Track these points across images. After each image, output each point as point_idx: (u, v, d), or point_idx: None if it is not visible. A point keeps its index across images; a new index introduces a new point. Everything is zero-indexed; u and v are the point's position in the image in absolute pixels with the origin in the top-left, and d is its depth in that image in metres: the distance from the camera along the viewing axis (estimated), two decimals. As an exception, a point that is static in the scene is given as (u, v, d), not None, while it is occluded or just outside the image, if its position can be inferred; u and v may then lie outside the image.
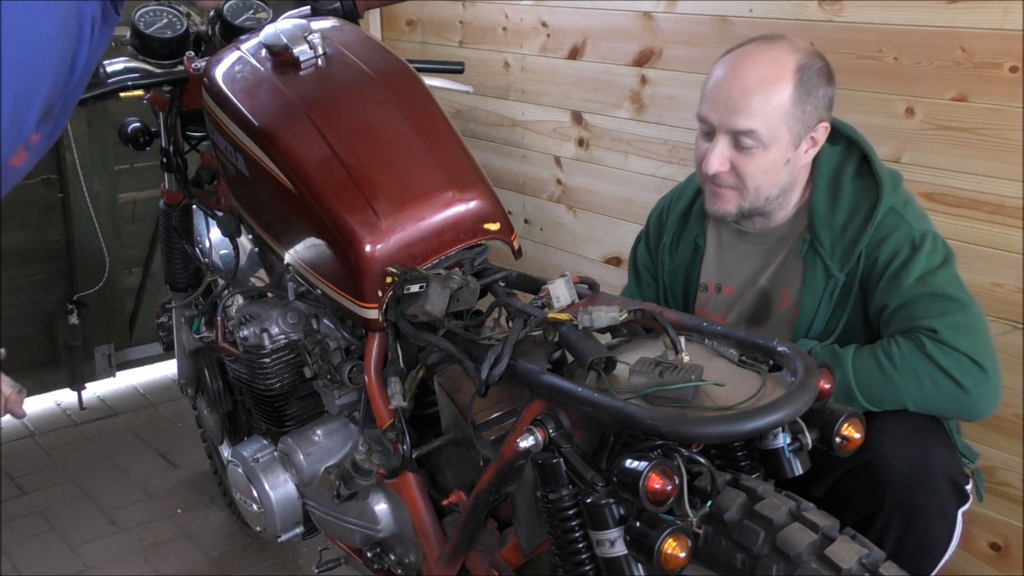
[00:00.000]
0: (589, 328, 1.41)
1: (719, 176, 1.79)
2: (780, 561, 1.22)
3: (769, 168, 1.77)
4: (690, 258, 2.00)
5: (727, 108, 1.75)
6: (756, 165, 1.77)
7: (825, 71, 1.79)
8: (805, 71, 1.75)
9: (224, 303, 2.10)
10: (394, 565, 1.89)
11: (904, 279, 1.71)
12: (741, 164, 1.77)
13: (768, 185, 1.79)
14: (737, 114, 1.74)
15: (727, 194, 1.82)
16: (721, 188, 1.81)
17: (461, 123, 3.35)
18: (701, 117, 1.81)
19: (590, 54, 2.91)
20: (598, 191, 2.99)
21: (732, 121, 1.75)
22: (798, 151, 1.78)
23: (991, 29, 2.01)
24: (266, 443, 2.04)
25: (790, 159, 1.78)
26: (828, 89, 1.79)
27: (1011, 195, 2.03)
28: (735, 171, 1.78)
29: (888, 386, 1.66)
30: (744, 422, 1.19)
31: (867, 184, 1.80)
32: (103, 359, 3.52)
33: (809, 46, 1.86)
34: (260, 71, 1.88)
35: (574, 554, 1.37)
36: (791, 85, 1.74)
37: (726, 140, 1.77)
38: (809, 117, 1.76)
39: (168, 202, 2.34)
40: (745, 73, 1.75)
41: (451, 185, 1.72)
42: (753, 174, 1.78)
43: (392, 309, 1.65)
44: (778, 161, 1.77)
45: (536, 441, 1.35)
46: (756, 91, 1.73)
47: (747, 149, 1.76)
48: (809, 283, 1.81)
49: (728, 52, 1.82)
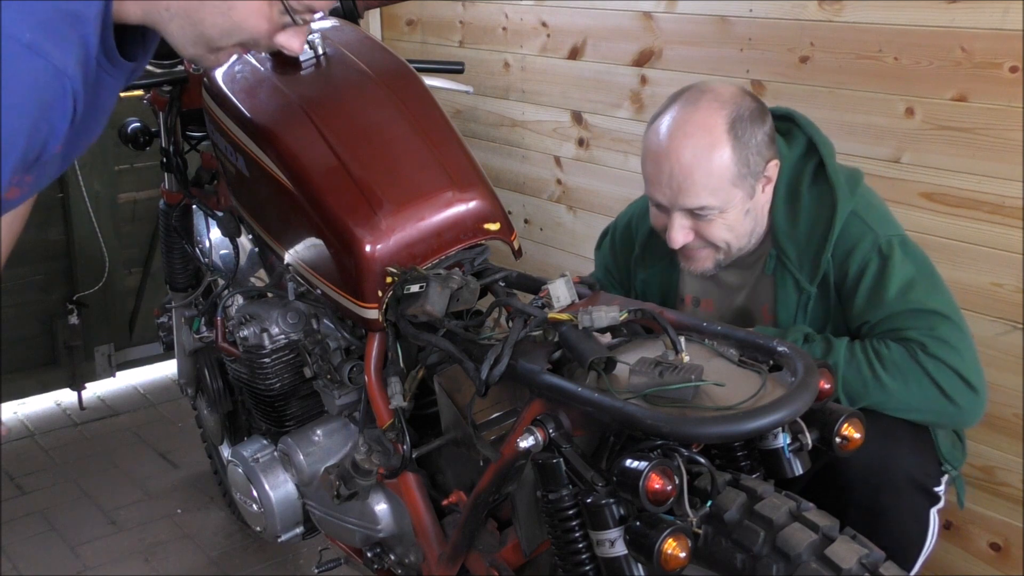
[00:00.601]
0: (589, 328, 1.41)
1: (687, 245, 1.78)
2: (780, 561, 1.22)
3: (732, 226, 1.75)
4: (666, 269, 1.97)
5: (672, 190, 1.72)
6: (719, 228, 1.75)
7: (757, 111, 1.74)
8: (738, 125, 1.70)
9: (224, 303, 2.10)
10: (394, 565, 1.89)
11: (883, 294, 1.69)
12: (704, 231, 1.75)
13: (738, 238, 1.77)
14: (684, 195, 1.71)
15: (700, 254, 1.80)
16: (693, 251, 1.80)
17: (461, 123, 3.35)
18: (649, 196, 1.80)
19: (590, 54, 2.91)
20: (598, 191, 2.99)
21: (682, 201, 1.72)
22: (755, 198, 1.76)
23: (991, 29, 2.00)
24: (266, 443, 2.04)
25: (750, 208, 1.76)
26: (765, 127, 1.74)
27: (1011, 195, 2.03)
28: (700, 236, 1.77)
29: (873, 385, 1.64)
30: (744, 422, 1.19)
31: (824, 190, 1.76)
32: (103, 359, 3.52)
33: (731, 87, 1.78)
34: (260, 71, 1.88)
35: (574, 554, 1.37)
36: (728, 147, 1.69)
37: (682, 214, 1.75)
38: (756, 165, 1.73)
39: (168, 202, 2.34)
40: (679, 151, 1.70)
41: (451, 185, 1.72)
42: (718, 236, 1.76)
43: (392, 309, 1.65)
44: (738, 217, 1.75)
45: (536, 441, 1.35)
46: (695, 168, 1.69)
47: (705, 218, 1.74)
48: (781, 298, 1.79)
49: (656, 119, 1.77)
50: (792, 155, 1.81)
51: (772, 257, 1.80)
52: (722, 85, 1.79)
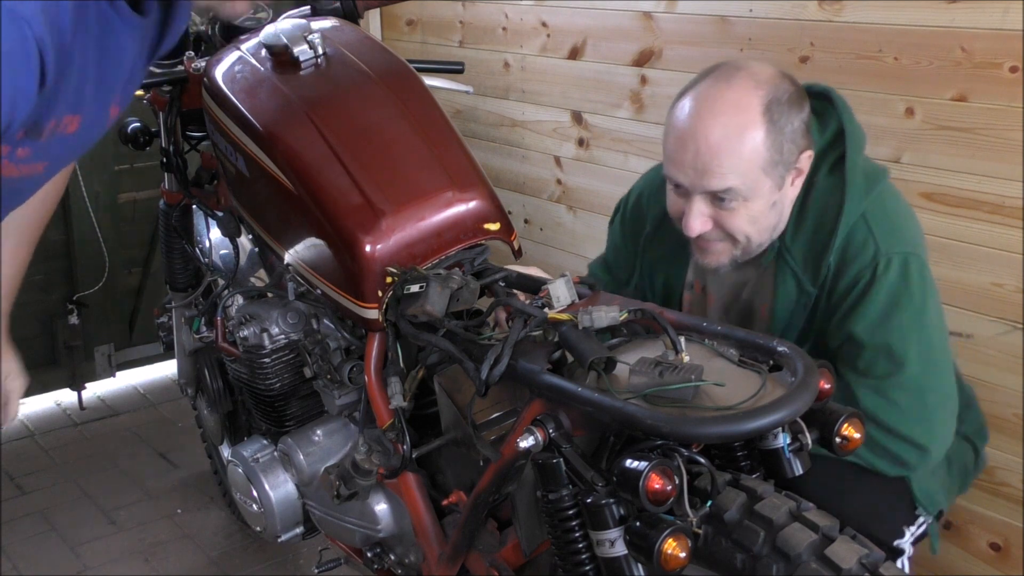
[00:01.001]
0: (589, 328, 1.41)
1: (703, 235, 1.66)
2: (780, 561, 1.22)
3: (756, 218, 1.62)
4: (676, 253, 1.84)
5: (696, 171, 1.59)
6: (741, 219, 1.62)
7: (796, 95, 1.61)
8: (774, 107, 1.57)
9: (224, 303, 2.10)
10: (394, 565, 1.89)
11: (856, 319, 1.60)
12: (724, 221, 1.63)
13: (759, 233, 1.65)
14: (708, 176, 1.58)
15: (716, 247, 1.68)
16: (709, 243, 1.67)
17: (461, 123, 3.35)
18: (668, 176, 1.65)
19: (590, 54, 2.91)
20: (598, 191, 2.99)
21: (705, 183, 1.59)
22: (784, 190, 1.63)
23: (991, 29, 2.00)
24: (266, 443, 2.04)
25: (776, 200, 1.63)
26: (802, 114, 1.61)
27: (1011, 195, 2.03)
28: (719, 227, 1.64)
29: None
30: (744, 422, 1.19)
31: (838, 184, 1.64)
32: (103, 359, 3.52)
33: (769, 67, 1.65)
34: (260, 71, 1.88)
35: (574, 554, 1.37)
36: (762, 130, 1.56)
37: (702, 199, 1.62)
38: (789, 154, 1.60)
39: (168, 202, 2.34)
40: (708, 129, 1.57)
41: (451, 185, 1.72)
42: (739, 228, 1.63)
43: (392, 309, 1.65)
44: (763, 209, 1.62)
45: (536, 441, 1.35)
46: (724, 148, 1.56)
47: (727, 205, 1.60)
48: (781, 293, 1.69)
49: (684, 94, 1.64)
50: (821, 140, 1.68)
51: (773, 249, 1.69)
52: (759, 63, 1.65)
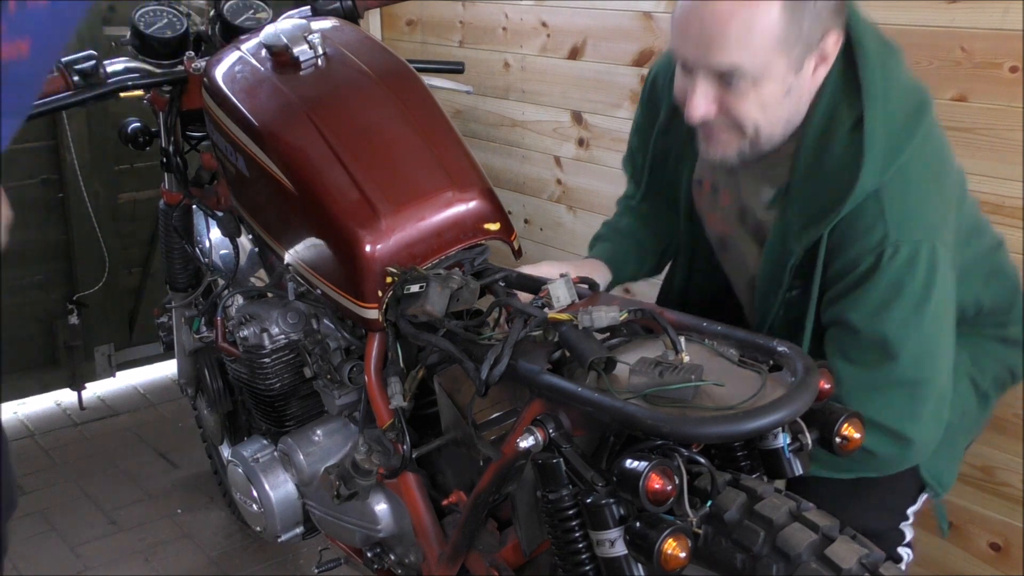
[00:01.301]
0: (589, 328, 1.41)
1: (708, 122, 1.51)
2: (780, 561, 1.22)
3: (766, 104, 1.46)
4: (684, 139, 1.68)
5: (700, 44, 1.43)
6: (749, 104, 1.46)
7: None
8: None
9: (224, 303, 2.10)
10: (394, 565, 1.89)
11: (856, 303, 1.49)
12: (730, 104, 1.47)
13: (770, 123, 1.48)
14: (713, 49, 1.42)
15: (722, 136, 1.52)
16: (714, 131, 1.52)
17: (461, 123, 3.35)
18: (674, 51, 1.51)
19: (590, 54, 2.91)
20: (598, 191, 2.99)
21: (709, 58, 1.43)
22: (801, 74, 1.45)
23: (991, 29, 2.00)
24: (266, 443, 2.04)
25: (791, 87, 1.46)
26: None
27: (1011, 195, 2.03)
28: (725, 112, 1.48)
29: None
30: (744, 422, 1.19)
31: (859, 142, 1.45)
32: (103, 359, 3.52)
33: None
34: (260, 71, 1.88)
35: (574, 554, 1.37)
36: (778, 1, 1.39)
37: (707, 78, 1.46)
38: (810, 33, 1.42)
39: (168, 202, 2.34)
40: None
41: (451, 185, 1.72)
42: (747, 114, 1.47)
43: (392, 309, 1.65)
44: (775, 94, 1.45)
45: (536, 441, 1.35)
46: (732, 18, 1.40)
47: (733, 87, 1.45)
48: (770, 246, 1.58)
49: None
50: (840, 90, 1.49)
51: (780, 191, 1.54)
52: None
